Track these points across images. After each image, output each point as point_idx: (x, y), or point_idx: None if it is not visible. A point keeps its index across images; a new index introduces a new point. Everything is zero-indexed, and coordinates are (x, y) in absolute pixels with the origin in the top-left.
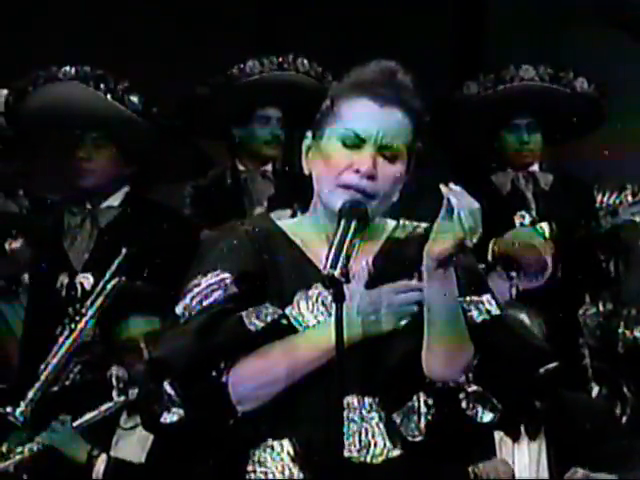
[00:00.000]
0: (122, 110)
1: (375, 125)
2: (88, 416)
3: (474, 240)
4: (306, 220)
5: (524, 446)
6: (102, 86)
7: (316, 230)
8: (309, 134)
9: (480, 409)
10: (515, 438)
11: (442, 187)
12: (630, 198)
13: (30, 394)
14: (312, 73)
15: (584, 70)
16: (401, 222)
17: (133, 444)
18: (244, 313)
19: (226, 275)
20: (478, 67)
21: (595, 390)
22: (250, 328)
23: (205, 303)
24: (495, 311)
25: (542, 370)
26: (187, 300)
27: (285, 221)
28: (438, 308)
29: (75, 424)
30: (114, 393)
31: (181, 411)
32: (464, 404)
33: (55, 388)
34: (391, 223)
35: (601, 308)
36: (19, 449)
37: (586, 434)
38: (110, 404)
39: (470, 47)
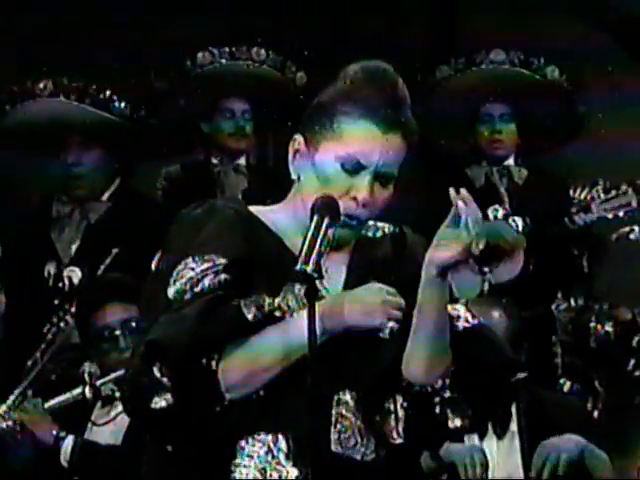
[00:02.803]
0: (108, 117)
1: (377, 153)
2: (60, 399)
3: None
4: (283, 214)
5: (493, 444)
6: (86, 99)
7: (294, 227)
8: (299, 137)
9: (451, 414)
10: (482, 436)
11: (451, 192)
12: (602, 195)
13: (16, 392)
14: (270, 63)
15: (562, 64)
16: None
17: (105, 438)
18: (242, 302)
19: (219, 260)
20: (450, 54)
21: (567, 385)
22: (248, 317)
23: (196, 289)
24: (473, 320)
25: (513, 379)
26: (180, 284)
27: (257, 208)
28: (431, 314)
29: (47, 405)
30: (86, 389)
31: (169, 397)
32: (437, 409)
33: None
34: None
35: (573, 303)
36: None
37: (561, 433)
38: (80, 389)
39: (443, 36)
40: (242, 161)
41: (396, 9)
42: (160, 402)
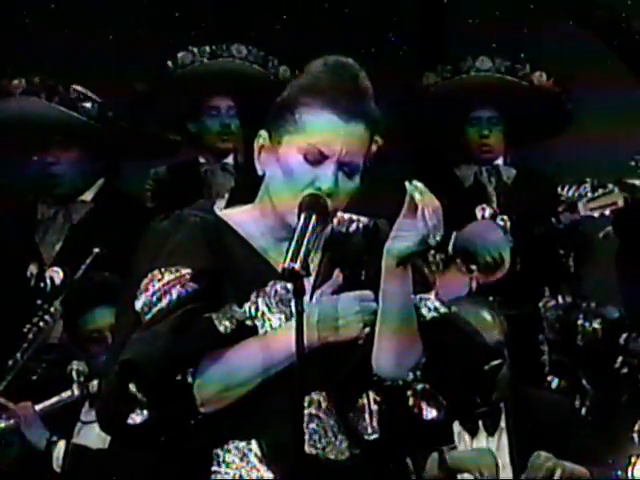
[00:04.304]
0: (77, 118)
1: (339, 142)
2: (50, 401)
3: (437, 239)
4: (251, 214)
5: (482, 441)
6: (55, 98)
7: (263, 229)
8: (264, 133)
9: (425, 406)
10: (473, 433)
11: (407, 184)
12: (590, 194)
13: None
14: (251, 59)
15: (550, 65)
16: (339, 215)
17: (93, 437)
18: (214, 315)
19: (185, 271)
20: (443, 59)
21: (554, 382)
22: (220, 330)
23: (164, 300)
24: (443, 309)
25: (487, 367)
26: (146, 297)
27: (226, 212)
28: (394, 306)
29: (38, 408)
30: (74, 387)
31: (145, 412)
32: (410, 401)
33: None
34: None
35: (560, 301)
36: None
37: (549, 430)
38: (70, 392)
39: (436, 39)
40: (230, 160)
41: (386, 12)
42: (136, 418)
